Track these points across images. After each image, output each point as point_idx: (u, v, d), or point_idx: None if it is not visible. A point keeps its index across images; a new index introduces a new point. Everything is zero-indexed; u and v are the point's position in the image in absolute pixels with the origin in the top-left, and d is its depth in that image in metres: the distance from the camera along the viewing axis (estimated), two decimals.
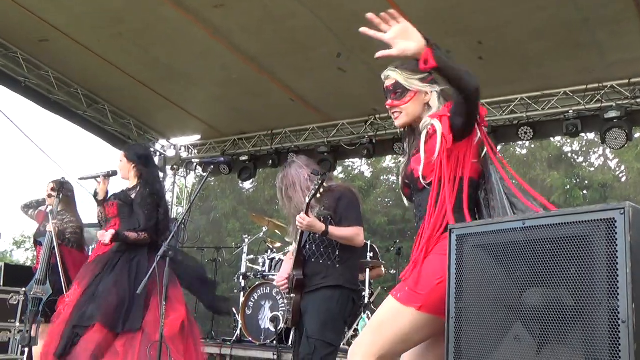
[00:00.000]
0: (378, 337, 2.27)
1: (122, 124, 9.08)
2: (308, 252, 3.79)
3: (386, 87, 2.57)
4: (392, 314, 2.27)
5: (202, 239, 11.86)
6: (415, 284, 2.23)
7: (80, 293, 3.89)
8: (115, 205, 4.27)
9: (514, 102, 7.19)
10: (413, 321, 2.21)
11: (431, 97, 2.50)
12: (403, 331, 2.23)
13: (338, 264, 3.76)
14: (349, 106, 8.03)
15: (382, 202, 16.01)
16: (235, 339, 6.85)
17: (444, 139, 2.29)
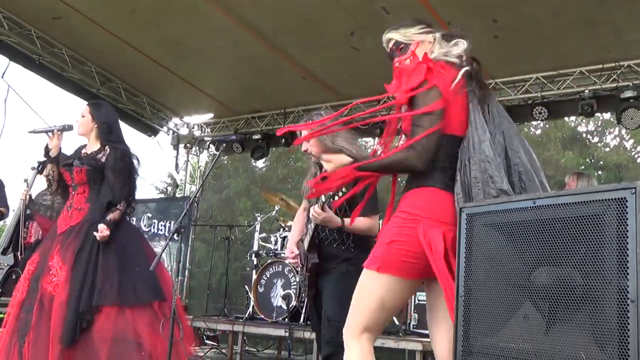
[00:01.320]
0: (357, 309, 2.35)
1: (136, 102, 9.11)
2: (321, 235, 3.78)
3: (390, 49, 2.61)
4: (362, 283, 2.36)
5: (215, 217, 11.94)
6: (375, 246, 2.33)
7: (68, 272, 3.59)
8: (84, 171, 3.90)
9: (529, 82, 7.13)
10: (379, 284, 2.28)
11: (434, 43, 2.50)
12: (375, 296, 2.30)
13: (353, 248, 3.76)
14: (362, 85, 7.98)
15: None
16: (248, 316, 6.90)
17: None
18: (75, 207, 3.87)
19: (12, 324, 3.53)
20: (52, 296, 3.51)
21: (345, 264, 3.72)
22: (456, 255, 2.05)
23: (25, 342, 3.39)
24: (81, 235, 3.73)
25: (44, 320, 3.45)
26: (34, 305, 3.51)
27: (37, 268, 3.69)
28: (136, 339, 3.54)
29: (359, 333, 2.33)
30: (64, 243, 3.71)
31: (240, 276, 10.74)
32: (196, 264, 12.21)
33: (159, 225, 7.54)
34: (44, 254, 3.75)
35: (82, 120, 4.10)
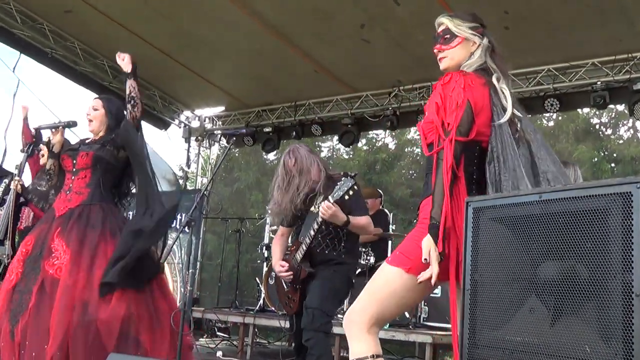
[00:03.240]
0: (372, 301, 2.36)
1: (147, 95, 9.14)
2: (313, 243, 3.88)
3: (437, 33, 2.62)
4: (384, 278, 2.36)
5: (226, 210, 11.99)
6: (405, 247, 2.33)
7: (73, 255, 3.50)
8: (90, 155, 3.82)
9: (540, 73, 7.08)
10: (403, 283, 2.30)
11: (477, 48, 2.53)
12: (395, 293, 2.32)
13: (344, 254, 3.91)
14: (373, 77, 7.98)
15: (406, 175, 15.92)
16: (259, 308, 6.95)
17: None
18: (75, 191, 3.79)
19: (3, 305, 3.48)
20: (55, 279, 3.44)
21: (333, 267, 3.87)
22: (463, 248, 2.06)
23: (20, 322, 3.33)
24: (83, 219, 3.67)
25: (45, 302, 3.38)
26: (32, 287, 3.44)
27: (34, 250, 3.62)
28: (136, 333, 3.50)
29: (369, 326, 2.35)
30: (65, 226, 3.64)
31: (251, 268, 10.79)
32: (207, 256, 12.28)
33: None
34: (40, 236, 3.67)
35: (96, 114, 4.00)
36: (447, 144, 2.25)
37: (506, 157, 2.26)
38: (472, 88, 2.35)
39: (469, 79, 2.38)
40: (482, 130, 2.35)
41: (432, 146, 2.34)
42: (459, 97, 2.30)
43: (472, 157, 2.35)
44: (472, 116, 2.31)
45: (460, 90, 2.32)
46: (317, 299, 3.70)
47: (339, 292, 3.89)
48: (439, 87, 2.39)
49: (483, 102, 2.37)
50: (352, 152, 15.13)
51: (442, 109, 2.32)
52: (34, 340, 3.28)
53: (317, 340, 3.60)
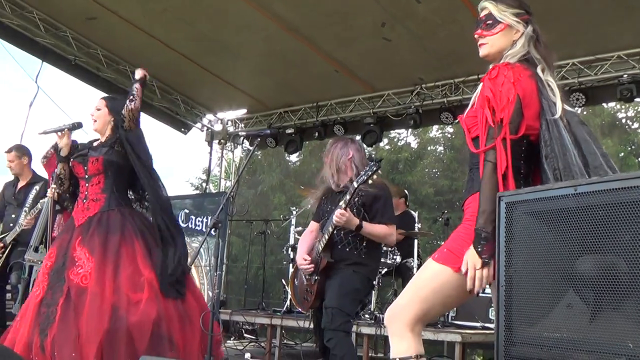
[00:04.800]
0: (417, 298, 2.30)
1: (170, 99, 9.21)
2: (336, 238, 3.86)
3: (479, 17, 2.50)
4: (430, 275, 2.29)
5: (250, 213, 12.03)
6: (453, 245, 2.25)
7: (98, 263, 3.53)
8: (100, 160, 3.84)
9: (565, 68, 6.99)
10: (451, 282, 2.24)
11: (521, 36, 2.42)
12: (441, 291, 2.26)
13: (364, 254, 3.87)
14: (395, 76, 7.94)
15: (429, 173, 15.86)
16: (285, 309, 6.94)
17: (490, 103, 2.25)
18: (92, 198, 3.82)
19: (31, 319, 3.49)
20: (80, 287, 3.46)
21: (353, 266, 3.83)
22: (496, 243, 2.02)
23: (49, 335, 3.35)
24: (103, 225, 3.69)
25: (70, 312, 3.40)
26: (59, 299, 3.46)
27: (57, 261, 3.65)
28: (168, 334, 3.52)
29: (413, 324, 2.29)
30: (86, 234, 3.66)
31: (276, 270, 10.81)
32: (232, 258, 12.33)
33: (196, 221, 7.62)
34: (62, 247, 3.70)
35: (99, 114, 4.02)
36: (499, 143, 2.17)
37: (564, 153, 2.17)
38: (520, 81, 2.26)
39: (517, 72, 2.28)
40: (531, 123, 2.27)
41: (477, 140, 2.27)
42: (509, 93, 2.22)
43: (519, 151, 2.27)
44: (521, 111, 2.23)
45: (510, 85, 2.23)
46: (336, 299, 3.68)
47: (359, 292, 3.85)
48: (487, 81, 2.29)
49: (531, 95, 2.28)
50: (374, 152, 15.09)
51: (494, 104, 2.23)
52: (64, 351, 3.29)
53: (338, 340, 3.58)
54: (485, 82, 2.31)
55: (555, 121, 2.24)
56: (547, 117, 2.26)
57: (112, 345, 3.31)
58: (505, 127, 2.19)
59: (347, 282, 3.75)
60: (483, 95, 2.29)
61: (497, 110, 2.22)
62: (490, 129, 2.23)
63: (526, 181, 2.29)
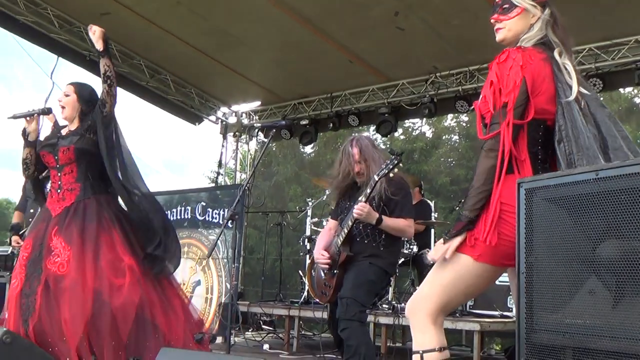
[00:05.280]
0: (438, 289, 2.28)
1: (184, 92, 9.24)
2: (355, 231, 3.85)
3: (495, 2, 2.47)
4: (450, 266, 2.27)
5: (265, 205, 12.05)
6: (474, 233, 2.22)
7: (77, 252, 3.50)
8: (72, 149, 3.74)
9: (582, 53, 6.91)
10: (471, 271, 2.22)
11: (538, 20, 2.38)
12: (463, 281, 2.25)
13: (383, 247, 3.86)
14: (409, 65, 7.90)
15: (445, 162, 15.80)
16: (303, 300, 6.95)
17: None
18: (66, 188, 3.75)
19: (14, 311, 3.52)
20: (58, 275, 3.46)
21: (370, 258, 3.81)
22: (516, 230, 2.01)
23: (30, 325, 3.37)
24: (79, 214, 3.65)
25: (51, 300, 3.42)
26: (37, 288, 3.48)
27: (33, 252, 3.64)
28: (152, 318, 3.56)
29: (435, 316, 2.28)
30: (62, 224, 3.63)
31: (293, 261, 10.83)
32: (249, 250, 12.37)
33: (213, 214, 7.64)
34: (38, 237, 3.68)
35: (67, 100, 3.90)
36: (505, 127, 2.15)
37: (577, 136, 2.14)
38: (531, 65, 2.23)
39: (528, 55, 2.25)
40: (546, 108, 2.24)
41: (492, 127, 2.24)
42: (516, 76, 2.19)
43: (536, 137, 2.25)
44: (527, 95, 2.20)
45: (518, 68, 2.20)
46: (350, 289, 3.67)
47: (373, 284, 3.82)
48: (495, 65, 2.27)
49: (544, 78, 2.25)
50: (389, 142, 15.04)
51: (498, 89, 2.21)
52: (52, 337, 3.33)
53: (352, 330, 3.56)
54: (494, 67, 2.28)
55: (569, 104, 2.21)
56: (561, 100, 2.23)
57: (97, 329, 3.34)
58: (510, 112, 2.17)
59: (363, 274, 3.74)
60: (489, 81, 2.27)
61: (502, 95, 2.20)
62: (494, 115, 2.21)
63: (544, 167, 2.26)
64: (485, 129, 2.25)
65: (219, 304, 7.23)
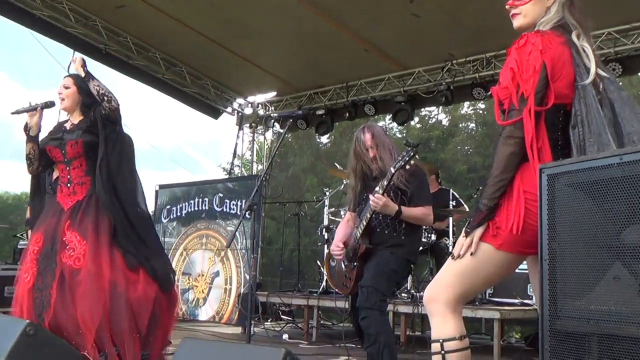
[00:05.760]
0: (457, 277, 2.26)
1: (200, 84, 9.26)
2: (374, 222, 3.81)
3: None
4: (472, 256, 2.23)
5: (282, 195, 12.07)
6: (495, 222, 2.19)
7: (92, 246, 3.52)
8: (80, 143, 3.73)
9: (601, 38, 6.81)
10: (491, 259, 2.20)
11: (554, 2, 2.33)
12: (483, 270, 2.23)
13: (403, 236, 3.81)
14: (425, 53, 7.84)
15: (462, 150, 15.70)
16: (321, 290, 6.96)
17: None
18: (76, 182, 3.75)
19: (27, 306, 3.51)
20: (74, 269, 3.47)
21: (391, 248, 3.77)
22: (538, 217, 1.98)
23: (45, 319, 3.38)
24: (91, 208, 3.66)
25: (66, 293, 3.43)
26: (51, 283, 3.48)
27: (45, 246, 3.63)
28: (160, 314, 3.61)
29: (454, 304, 2.26)
30: (75, 218, 3.63)
31: (310, 251, 10.84)
32: (267, 241, 12.40)
33: (231, 205, 7.67)
34: (49, 231, 3.67)
35: (67, 92, 3.86)
36: (527, 115, 2.11)
37: (591, 121, 2.10)
38: (550, 49, 2.18)
39: (547, 39, 2.20)
40: (565, 92, 2.19)
41: (510, 114, 2.20)
42: (536, 62, 2.15)
43: (556, 123, 2.21)
44: (546, 80, 2.16)
45: (537, 53, 2.16)
46: (371, 279, 3.64)
47: (395, 273, 3.77)
48: (514, 51, 2.22)
49: (564, 63, 2.20)
50: (405, 131, 14.98)
51: (519, 75, 2.16)
52: (68, 332, 3.34)
53: (372, 319, 3.54)
54: (512, 52, 2.24)
55: (585, 88, 2.17)
56: (578, 84, 2.19)
57: (117, 322, 3.38)
58: (531, 98, 2.13)
59: (384, 263, 3.71)
60: (508, 67, 2.23)
61: (522, 82, 2.16)
62: (513, 101, 2.17)
63: (564, 153, 2.22)
64: (504, 115, 2.22)
65: (238, 294, 7.27)
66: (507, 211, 2.16)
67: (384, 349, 3.47)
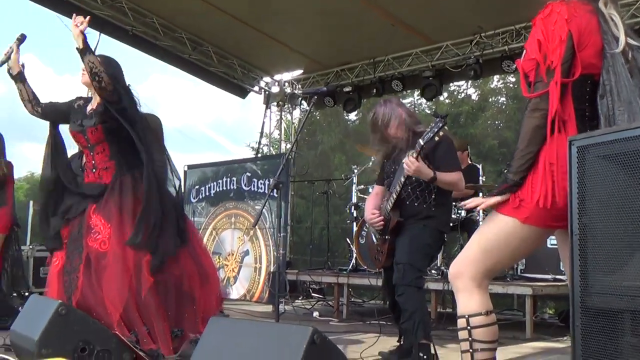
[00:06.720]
0: (483, 252, 2.24)
1: (227, 64, 9.25)
2: (404, 194, 3.77)
3: None
4: (495, 228, 2.22)
5: (311, 174, 12.05)
6: (518, 195, 2.16)
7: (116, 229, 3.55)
8: (100, 129, 3.69)
9: (635, 5, 6.60)
10: (517, 233, 2.17)
11: None
12: (509, 244, 2.20)
13: (434, 207, 3.78)
14: (453, 26, 7.69)
15: (492, 125, 15.45)
16: (351, 268, 6.96)
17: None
18: (101, 167, 3.77)
19: (57, 288, 3.60)
20: (100, 252, 3.52)
21: (423, 221, 3.75)
22: (568, 190, 1.93)
23: (73, 302, 3.44)
24: (115, 191, 3.67)
25: (92, 275, 3.49)
26: (78, 266, 3.55)
27: (72, 231, 3.70)
28: (190, 290, 3.67)
29: (480, 280, 2.25)
30: (100, 202, 3.66)
31: (340, 229, 10.84)
32: (297, 219, 12.43)
33: (259, 184, 7.68)
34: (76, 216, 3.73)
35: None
36: (553, 87, 2.06)
37: (620, 90, 2.04)
38: (576, 18, 2.12)
39: (572, 8, 2.14)
40: (593, 62, 2.13)
41: (536, 85, 2.15)
42: (562, 31, 2.09)
43: (584, 93, 2.15)
44: (573, 50, 2.10)
45: (563, 22, 2.10)
46: (406, 254, 3.63)
47: (429, 247, 3.78)
48: (539, 21, 2.17)
49: (591, 31, 2.14)
50: (434, 106, 14.81)
51: (545, 45, 2.11)
52: (97, 312, 3.41)
53: (409, 296, 3.55)
54: (537, 23, 2.18)
55: (614, 57, 2.11)
56: (607, 53, 2.13)
57: (144, 302, 3.45)
58: (557, 69, 2.08)
59: (418, 238, 3.69)
60: (534, 38, 2.17)
61: (549, 53, 2.10)
62: (539, 73, 2.12)
63: (592, 125, 2.16)
64: (530, 88, 2.16)
65: (268, 273, 7.30)
66: (533, 184, 2.12)
67: (418, 326, 3.49)
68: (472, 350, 2.22)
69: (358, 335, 5.29)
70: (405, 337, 3.83)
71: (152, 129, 4.01)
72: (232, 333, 2.76)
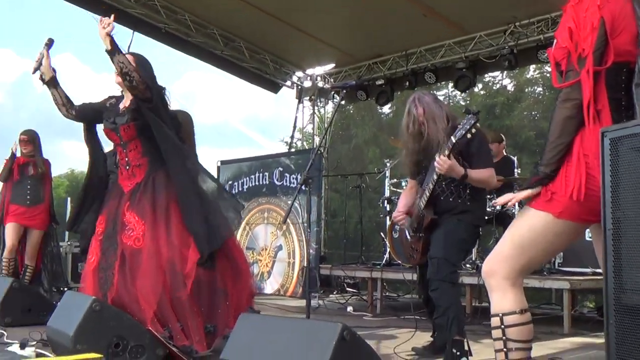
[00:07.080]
0: (517, 249, 2.18)
1: (259, 59, 9.27)
2: (438, 190, 3.73)
3: None
4: (529, 224, 2.16)
5: (345, 168, 12.01)
6: (550, 188, 2.10)
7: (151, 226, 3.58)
8: (132, 126, 3.72)
9: None
10: (551, 228, 2.11)
11: None
12: (543, 240, 2.14)
13: (469, 201, 3.73)
14: (486, 16, 7.57)
15: (528, 116, 15.19)
16: (385, 262, 6.93)
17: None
18: (134, 164, 3.79)
19: (92, 285, 3.63)
20: (134, 249, 3.55)
21: (458, 215, 3.70)
22: (600, 184, 1.87)
23: (108, 298, 3.49)
24: (149, 188, 3.70)
25: (127, 272, 3.53)
26: (114, 263, 3.58)
27: (107, 228, 3.74)
28: (223, 286, 3.69)
29: (514, 278, 2.20)
30: (134, 199, 3.69)
31: (374, 223, 10.79)
32: (331, 214, 12.42)
33: (291, 179, 7.70)
34: (111, 213, 3.77)
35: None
36: (585, 76, 1.99)
37: None
38: (609, 3, 2.05)
39: None
40: (628, 49, 2.05)
41: (567, 75, 2.09)
42: (594, 17, 2.02)
43: (619, 82, 2.08)
44: (605, 37, 2.03)
45: (595, 8, 2.03)
46: (441, 249, 3.59)
47: (464, 242, 3.74)
48: (570, 8, 2.10)
49: (625, 18, 2.06)
50: (468, 98, 14.61)
51: (576, 33, 2.04)
52: (131, 308, 3.44)
53: (443, 291, 3.51)
54: (568, 10, 2.11)
55: None
56: None
57: (177, 299, 3.47)
58: (589, 57, 2.01)
59: (453, 232, 3.65)
60: (565, 25, 2.10)
61: (580, 41, 2.03)
62: (570, 62, 2.05)
63: (628, 115, 2.08)
64: (561, 77, 2.10)
65: (301, 267, 7.31)
66: (566, 177, 2.06)
67: (452, 321, 3.46)
68: (506, 349, 2.17)
69: (392, 330, 5.26)
70: (438, 333, 3.80)
71: (183, 125, 4.06)
72: (262, 329, 2.77)
